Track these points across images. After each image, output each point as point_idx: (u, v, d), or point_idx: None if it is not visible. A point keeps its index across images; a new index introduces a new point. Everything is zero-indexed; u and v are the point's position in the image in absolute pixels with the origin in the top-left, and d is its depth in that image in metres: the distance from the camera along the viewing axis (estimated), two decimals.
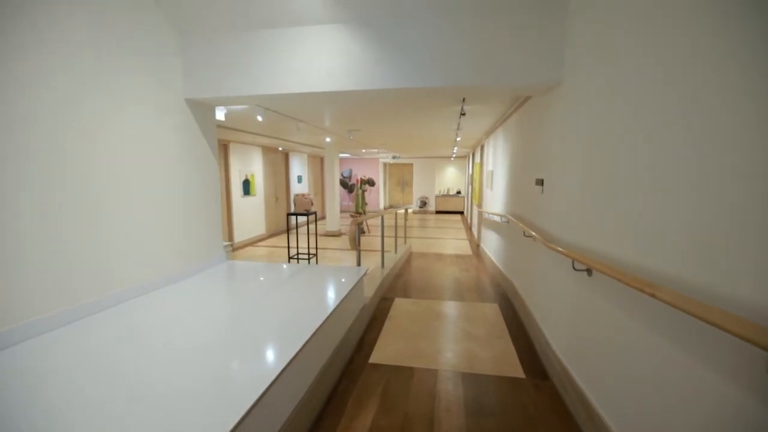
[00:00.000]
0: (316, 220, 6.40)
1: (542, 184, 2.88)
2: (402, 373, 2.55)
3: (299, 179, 11.22)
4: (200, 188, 3.19)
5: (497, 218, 5.16)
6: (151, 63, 2.60)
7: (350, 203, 13.75)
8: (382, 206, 15.79)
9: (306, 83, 2.69)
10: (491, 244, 5.92)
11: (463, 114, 4.03)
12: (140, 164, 2.54)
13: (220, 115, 4.10)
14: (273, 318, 2.22)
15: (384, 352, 2.86)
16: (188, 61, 2.85)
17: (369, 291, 3.72)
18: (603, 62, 1.88)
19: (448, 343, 3.04)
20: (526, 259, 3.48)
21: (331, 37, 2.61)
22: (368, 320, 3.44)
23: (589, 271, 1.96)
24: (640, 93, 1.54)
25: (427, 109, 4.55)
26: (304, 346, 1.85)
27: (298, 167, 11.17)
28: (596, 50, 1.95)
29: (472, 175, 10.08)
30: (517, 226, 3.70)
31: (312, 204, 6.20)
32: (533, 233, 2.83)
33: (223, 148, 7.61)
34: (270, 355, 1.80)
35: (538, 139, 3.08)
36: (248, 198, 8.47)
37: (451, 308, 3.86)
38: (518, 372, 2.58)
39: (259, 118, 4.27)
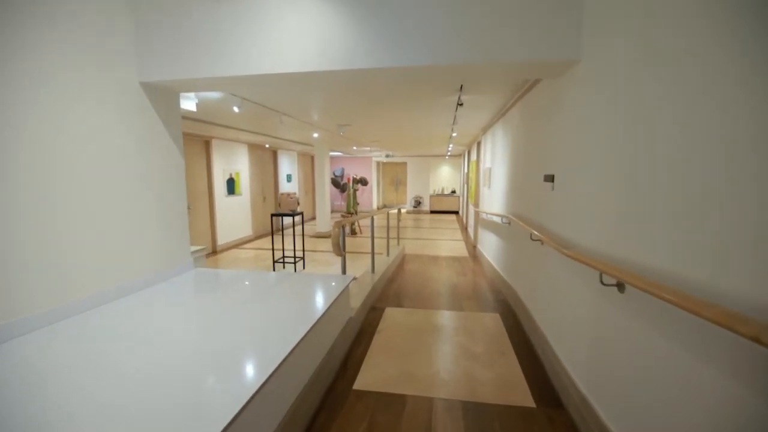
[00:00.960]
0: (303, 221, 6.00)
1: (552, 181, 2.51)
2: (392, 403, 2.17)
3: (288, 178, 10.79)
4: (162, 186, 2.78)
5: (497, 219, 4.80)
6: (97, 42, 2.19)
7: (342, 203, 13.34)
8: (375, 206, 15.41)
9: (279, 63, 2.29)
10: (489, 246, 5.57)
11: (461, 104, 3.67)
12: (89, 160, 2.13)
13: (190, 105, 3.69)
14: (241, 336, 1.84)
15: (371, 375, 2.47)
16: (142, 38, 2.44)
17: (357, 300, 3.33)
18: (630, 34, 1.51)
19: (445, 363, 2.66)
20: (531, 265, 3.12)
21: (306, 9, 2.22)
22: (355, 335, 3.06)
23: (620, 286, 1.59)
24: (677, 72, 1.18)
25: (421, 100, 4.17)
26: (275, 371, 1.47)
27: (287, 165, 10.75)
28: (622, 19, 1.59)
29: (468, 173, 9.74)
30: (521, 227, 3.34)
31: (298, 204, 5.80)
32: (542, 237, 2.46)
33: (205, 145, 7.18)
34: (233, 382, 1.42)
35: (547, 130, 2.71)
36: (233, 197, 8.04)
37: (447, 319, 3.49)
38: (527, 400, 2.21)
39: (236, 110, 3.87)
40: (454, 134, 6.33)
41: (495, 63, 2.08)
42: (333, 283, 2.69)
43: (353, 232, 9.31)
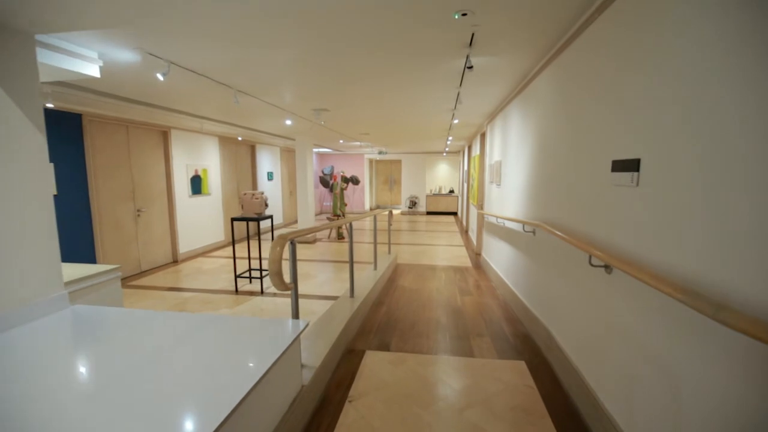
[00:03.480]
0: (272, 226, 4.94)
1: (636, 169, 1.48)
2: None
3: (269, 176, 9.72)
4: (11, 190, 1.72)
5: (513, 225, 3.76)
6: None
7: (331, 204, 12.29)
8: (368, 207, 14.36)
9: None
10: (499, 257, 4.54)
11: (470, 68, 2.63)
12: None
13: (90, 68, 2.62)
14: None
15: None
16: None
17: (324, 342, 2.30)
18: None
19: None
20: (586, 301, 2.08)
21: None
22: (312, 410, 2.01)
23: None
24: None
25: (417, 72, 3.13)
26: None
27: (268, 162, 9.67)
28: None
29: (469, 170, 8.72)
30: (559, 242, 2.31)
31: (266, 205, 4.75)
32: (619, 265, 1.43)
33: (162, 136, 6.09)
34: None
35: (623, 88, 1.68)
36: (199, 198, 6.96)
37: (451, 373, 2.45)
38: None
39: (160, 77, 2.81)
40: (455, 121, 5.30)
41: None
42: (276, 334, 1.65)
43: (340, 237, 8.26)
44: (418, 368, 2.46)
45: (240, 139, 7.90)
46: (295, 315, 1.99)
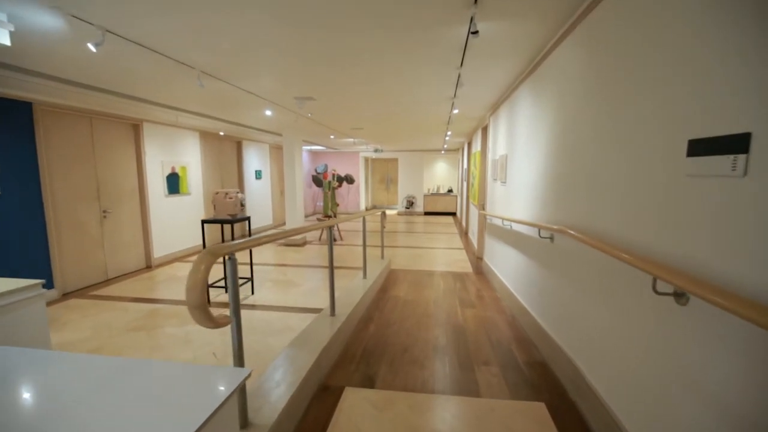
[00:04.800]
0: (250, 229, 4.40)
1: (743, 150, 0.95)
2: None
3: (258, 174, 9.17)
4: None
5: (522, 228, 3.24)
6: None
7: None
8: (363, 207, 13.83)
9: None
10: (505, 263, 4.01)
11: (475, 33, 2.09)
12: None
13: None
14: None
15: None
16: None
17: (290, 381, 1.77)
18: None
19: None
20: (643, 339, 1.55)
21: None
22: None
23: None
24: None
25: (412, 43, 2.60)
26: None
27: (256, 160, 9.12)
28: None
29: (469, 168, 8.20)
30: (588, 253, 1.78)
31: (242, 206, 4.21)
32: (719, 302, 0.90)
33: (133, 130, 5.54)
34: None
35: (717, 35, 1.15)
36: (177, 198, 6.40)
37: (452, 420, 1.92)
38: None
39: (92, 48, 2.27)
40: (455, 111, 4.77)
41: None
42: (200, 392, 1.11)
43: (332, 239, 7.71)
44: (409, 414, 1.92)
45: (222, 134, 7.34)
46: (239, 361, 1.46)
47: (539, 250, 2.76)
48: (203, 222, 4.05)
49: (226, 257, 1.39)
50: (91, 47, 2.27)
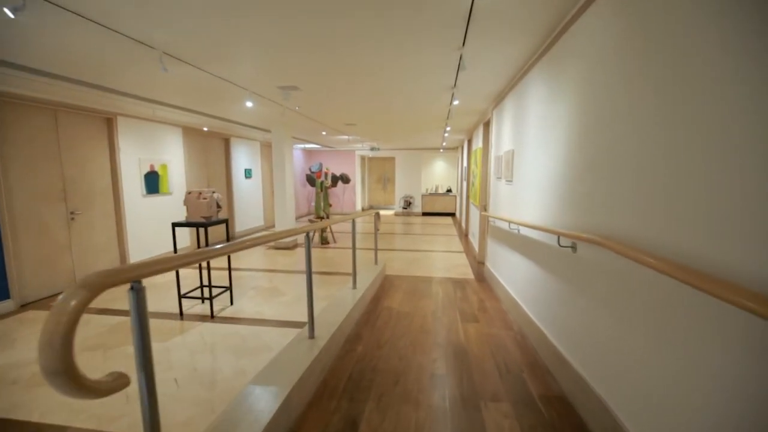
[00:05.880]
0: (227, 233, 3.96)
1: None
2: None
3: (247, 173, 8.73)
4: None
5: (532, 233, 2.82)
6: None
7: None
8: (359, 207, 13.40)
9: None
10: (511, 271, 3.59)
11: None
12: None
13: None
14: None
15: None
16: None
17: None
18: None
19: None
20: (715, 386, 1.13)
21: None
22: None
23: None
24: None
25: (402, 18, 2.18)
26: None
27: (245, 158, 8.68)
28: None
29: (469, 167, 7.79)
30: (633, 270, 1.37)
31: (219, 207, 3.78)
32: None
33: (106, 124, 5.11)
34: None
35: None
36: (157, 198, 5.97)
37: None
38: None
39: (8, 13, 1.84)
40: (455, 102, 4.34)
41: None
42: None
43: (325, 242, 7.29)
44: None
45: (206, 129, 6.91)
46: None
47: (557, 261, 2.34)
48: (174, 225, 3.62)
49: (129, 286, 0.96)
50: (8, 12, 1.84)
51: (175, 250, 3.71)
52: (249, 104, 4.10)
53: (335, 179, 10.76)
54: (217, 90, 3.97)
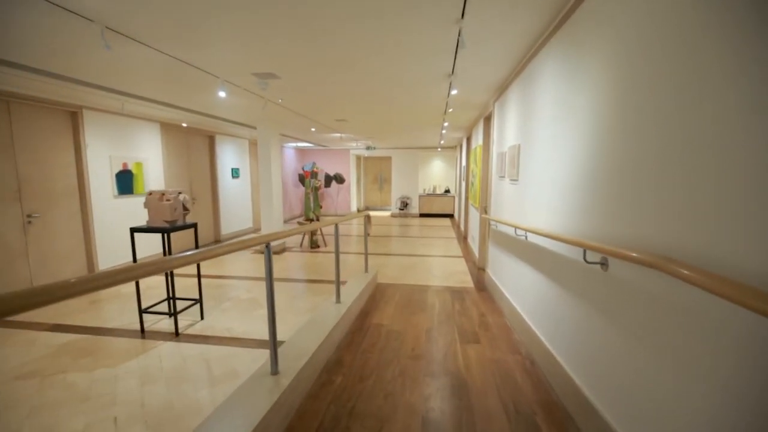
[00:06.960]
0: (196, 239, 3.51)
1: None
2: None
3: (234, 173, 8.28)
4: None
5: (548, 244, 2.38)
6: None
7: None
8: (354, 208, 12.96)
9: None
10: (517, 283, 3.15)
11: None
12: None
13: None
14: None
15: None
16: None
17: None
18: None
19: None
20: None
21: None
22: None
23: None
24: None
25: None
26: None
27: (232, 157, 8.23)
28: None
29: (468, 166, 7.35)
30: (686, 296, 0.92)
31: (185, 209, 3.33)
32: None
33: (70, 118, 4.66)
34: None
35: None
36: (131, 199, 5.51)
37: None
38: None
39: None
40: (453, 92, 3.90)
41: None
42: None
43: (314, 245, 6.84)
44: None
45: (185, 125, 6.45)
46: None
47: (579, 278, 1.90)
48: (132, 230, 3.17)
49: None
50: None
51: (134, 259, 3.26)
52: (222, 94, 3.65)
53: (329, 179, 10.32)
54: (185, 78, 3.51)
